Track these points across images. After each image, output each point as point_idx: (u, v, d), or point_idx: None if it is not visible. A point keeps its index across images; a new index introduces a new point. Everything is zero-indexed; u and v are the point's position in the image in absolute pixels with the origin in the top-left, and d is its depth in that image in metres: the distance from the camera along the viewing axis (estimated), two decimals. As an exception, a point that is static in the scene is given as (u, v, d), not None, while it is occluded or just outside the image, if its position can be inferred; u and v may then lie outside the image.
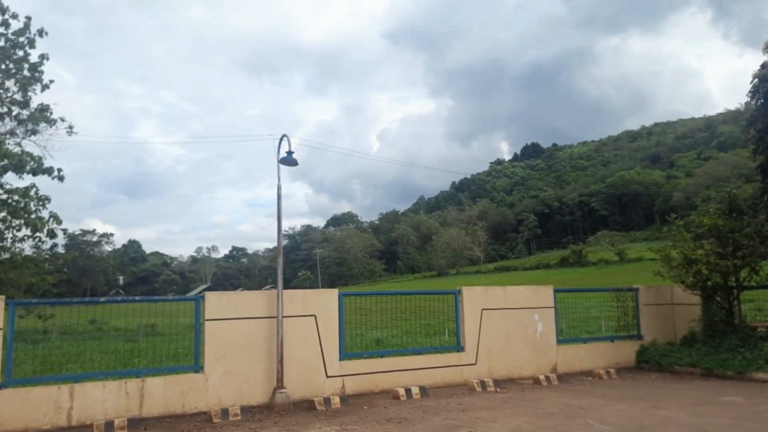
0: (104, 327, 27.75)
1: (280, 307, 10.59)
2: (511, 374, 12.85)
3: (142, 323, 22.75)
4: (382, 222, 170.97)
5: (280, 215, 11.24)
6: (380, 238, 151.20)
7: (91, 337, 23.22)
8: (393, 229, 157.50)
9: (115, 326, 27.07)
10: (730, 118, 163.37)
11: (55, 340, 19.68)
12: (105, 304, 11.03)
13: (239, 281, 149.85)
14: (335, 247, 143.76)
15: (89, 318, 28.23)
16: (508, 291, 13.25)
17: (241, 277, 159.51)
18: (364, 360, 11.67)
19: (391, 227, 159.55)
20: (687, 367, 13.13)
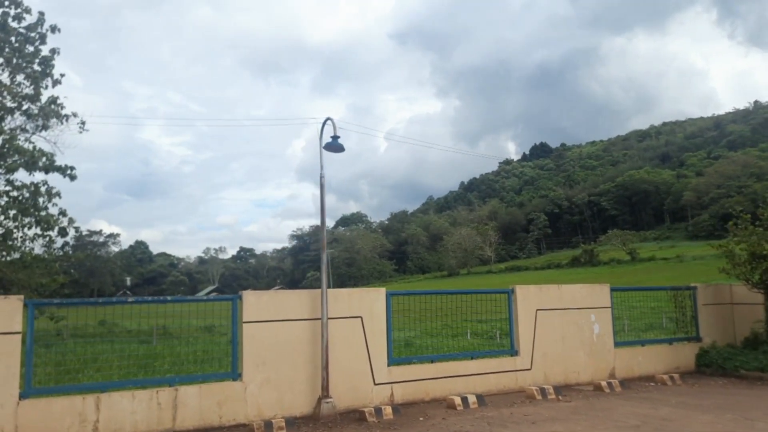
0: (115, 329, 26.92)
1: (325, 308, 9.65)
2: (568, 380, 11.89)
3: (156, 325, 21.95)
4: (391, 222, 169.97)
5: (323, 205, 10.30)
6: (390, 238, 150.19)
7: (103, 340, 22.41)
8: (403, 229, 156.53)
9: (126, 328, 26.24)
10: (739, 117, 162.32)
11: (68, 343, 18.84)
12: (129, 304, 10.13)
13: (247, 282, 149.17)
14: (345, 248, 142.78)
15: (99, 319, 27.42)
16: (563, 290, 12.28)
17: (249, 278, 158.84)
18: (414, 366, 10.71)
19: (401, 227, 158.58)
20: (755, 372, 12.14)
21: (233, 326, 9.40)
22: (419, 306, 11.54)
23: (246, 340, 9.28)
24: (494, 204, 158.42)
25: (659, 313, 15.77)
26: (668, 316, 15.42)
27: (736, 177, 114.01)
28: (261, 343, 9.38)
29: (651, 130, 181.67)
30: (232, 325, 9.40)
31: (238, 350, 9.32)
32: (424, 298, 11.84)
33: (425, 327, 15.34)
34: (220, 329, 20.61)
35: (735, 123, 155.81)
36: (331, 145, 9.87)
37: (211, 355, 14.25)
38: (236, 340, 9.36)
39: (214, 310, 11.70)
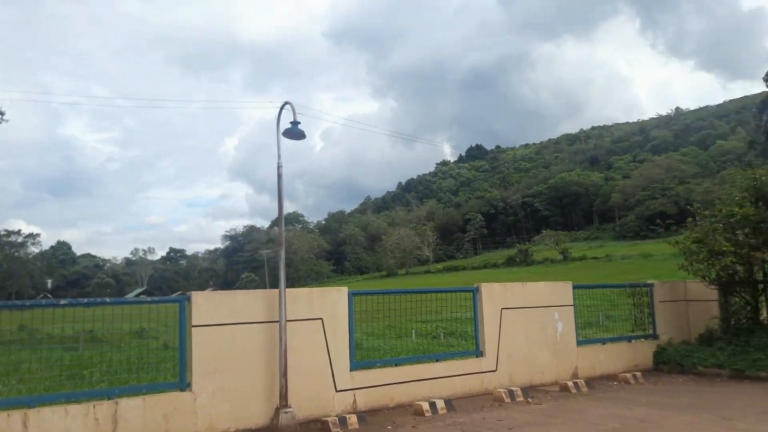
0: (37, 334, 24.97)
1: (284, 310, 8.86)
2: (533, 381, 11.52)
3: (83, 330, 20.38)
4: (329, 222, 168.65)
5: (281, 198, 9.49)
6: (327, 238, 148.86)
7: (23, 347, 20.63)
8: (340, 229, 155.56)
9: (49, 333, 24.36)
10: (662, 123, 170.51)
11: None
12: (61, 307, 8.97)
13: (177, 284, 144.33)
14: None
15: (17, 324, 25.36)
16: (527, 288, 11.92)
17: (180, 279, 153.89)
18: (378, 370, 10.07)
19: (339, 228, 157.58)
20: (713, 369, 12.14)
21: (181, 331, 8.47)
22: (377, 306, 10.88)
23: (195, 346, 8.38)
24: (432, 204, 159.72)
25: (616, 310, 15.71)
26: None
27: (660, 180, 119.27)
28: (212, 348, 8.50)
29: (581, 134, 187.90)
30: (180, 330, 8.47)
31: (186, 357, 8.40)
32: (383, 298, 11.19)
33: (369, 328, 14.76)
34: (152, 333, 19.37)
35: (658, 128, 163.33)
36: (291, 131, 9.07)
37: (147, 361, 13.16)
38: (184, 346, 8.44)
39: (142, 313, 10.62)
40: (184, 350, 8.41)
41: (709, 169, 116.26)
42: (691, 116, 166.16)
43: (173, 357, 11.97)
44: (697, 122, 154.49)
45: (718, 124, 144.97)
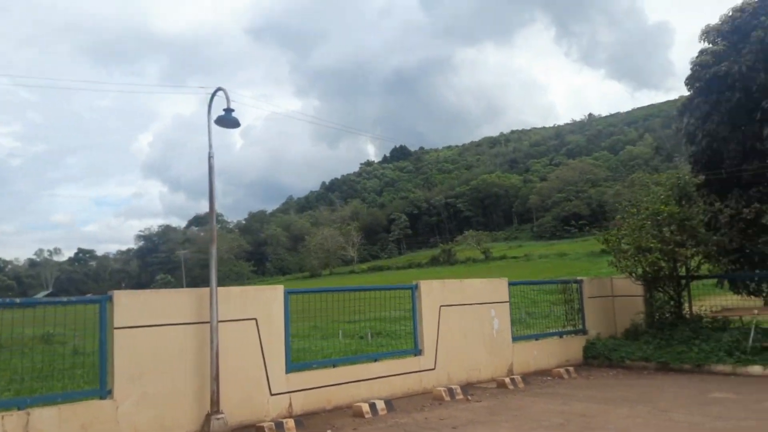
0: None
1: (215, 310, 8.29)
2: (470, 378, 11.43)
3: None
4: (249, 222, 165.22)
5: (212, 191, 8.92)
6: (248, 238, 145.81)
7: None
8: (262, 229, 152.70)
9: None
10: (577, 128, 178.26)
11: None
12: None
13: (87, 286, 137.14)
14: (199, 248, 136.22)
15: None
16: (464, 284, 11.83)
17: (89, 281, 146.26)
18: (314, 371, 9.64)
19: (260, 227, 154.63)
20: (640, 362, 12.48)
21: (101, 333, 7.74)
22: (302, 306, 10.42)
23: (118, 349, 7.69)
24: (356, 204, 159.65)
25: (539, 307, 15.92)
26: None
27: (575, 182, 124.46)
28: (137, 352, 7.83)
29: (501, 138, 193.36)
30: (100, 333, 7.74)
31: (107, 362, 7.69)
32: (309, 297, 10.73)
33: (293, 329, 14.12)
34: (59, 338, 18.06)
35: (573, 133, 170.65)
36: (224, 119, 8.50)
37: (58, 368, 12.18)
38: (105, 351, 7.72)
39: (47, 316, 9.64)
40: (104, 355, 7.70)
41: (619, 172, 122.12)
42: (603, 122, 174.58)
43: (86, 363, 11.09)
44: (608, 128, 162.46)
45: (628, 131, 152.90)
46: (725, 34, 13.51)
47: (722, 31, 13.60)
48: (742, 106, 12.87)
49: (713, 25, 14.01)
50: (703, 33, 14.05)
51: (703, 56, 13.57)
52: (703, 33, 14.05)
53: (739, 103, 12.82)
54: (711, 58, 13.29)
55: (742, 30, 13.11)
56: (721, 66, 12.90)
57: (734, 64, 12.59)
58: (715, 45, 13.52)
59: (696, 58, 13.94)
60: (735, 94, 12.84)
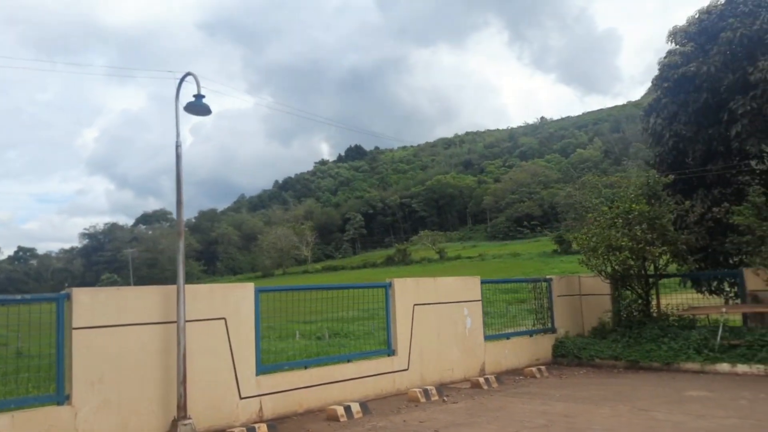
0: None
1: (182, 309, 7.77)
2: (443, 378, 11.17)
3: None
4: (199, 221, 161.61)
5: (180, 182, 8.41)
6: (198, 237, 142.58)
7: None
8: (213, 228, 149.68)
9: None
10: (529, 130, 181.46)
11: None
12: None
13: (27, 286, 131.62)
14: (147, 248, 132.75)
15: None
16: (438, 283, 11.56)
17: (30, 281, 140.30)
18: (285, 373, 9.19)
19: (211, 226, 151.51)
20: (609, 360, 12.50)
21: (58, 334, 7.14)
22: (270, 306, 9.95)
23: (77, 352, 7.10)
24: (310, 204, 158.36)
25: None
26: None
27: (527, 184, 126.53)
28: (98, 355, 7.26)
29: (455, 139, 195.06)
30: (57, 334, 7.14)
31: (64, 366, 7.09)
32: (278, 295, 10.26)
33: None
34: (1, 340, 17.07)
35: (526, 136, 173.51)
36: (194, 105, 7.99)
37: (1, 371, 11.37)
38: (62, 353, 7.12)
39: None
40: (61, 357, 7.10)
41: (569, 175, 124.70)
42: (555, 126, 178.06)
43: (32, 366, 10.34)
44: (560, 131, 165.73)
45: (578, 134, 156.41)
46: (692, 35, 13.68)
47: (689, 32, 13.76)
48: (709, 107, 13.04)
49: (680, 26, 14.17)
50: (671, 34, 14.19)
51: (671, 57, 13.69)
52: (671, 34, 14.19)
53: (706, 103, 12.98)
54: (679, 58, 13.42)
55: (709, 31, 13.29)
56: (690, 66, 13.04)
57: (703, 65, 12.74)
58: (683, 46, 13.66)
59: (664, 58, 14.07)
60: (702, 94, 13.00)
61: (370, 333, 18.23)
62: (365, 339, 16.85)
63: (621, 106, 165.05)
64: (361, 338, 17.27)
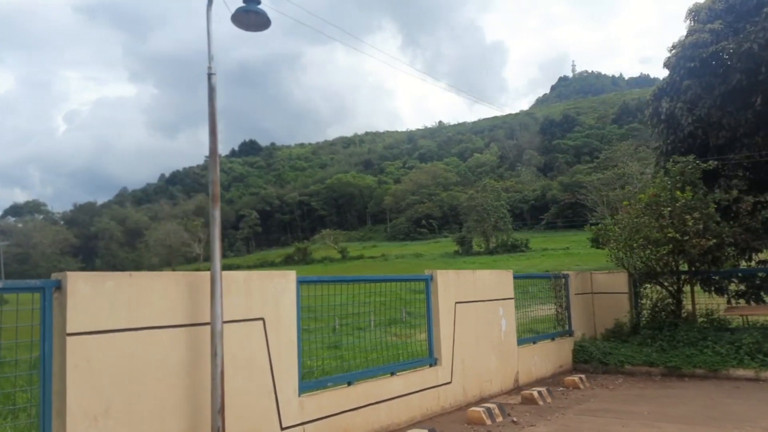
0: None
1: (219, 305, 5.38)
2: (483, 392, 9.32)
3: None
4: (76, 214, 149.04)
5: (214, 124, 5.96)
6: (75, 231, 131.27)
7: None
8: (92, 222, 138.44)
9: None
10: (428, 133, 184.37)
11: None
12: None
13: None
14: (17, 242, 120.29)
15: None
16: (477, 276, 9.67)
17: None
18: (329, 392, 6.93)
19: (90, 220, 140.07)
20: (642, 367, 11.19)
21: (44, 343, 4.53)
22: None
23: (73, 370, 4.55)
24: (201, 199, 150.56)
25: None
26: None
27: (427, 185, 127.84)
28: (103, 374, 4.75)
29: (355, 138, 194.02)
30: (43, 342, 4.52)
31: (52, 391, 4.51)
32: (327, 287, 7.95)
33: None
34: None
35: (425, 138, 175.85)
36: (245, 14, 5.54)
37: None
38: (49, 371, 4.53)
39: None
40: (48, 379, 4.51)
41: (467, 178, 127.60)
42: (452, 130, 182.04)
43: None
44: (457, 136, 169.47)
45: (475, 139, 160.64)
46: (720, 13, 12.77)
47: (715, 9, 12.83)
48: (740, 90, 12.12)
49: (702, 3, 13.23)
50: (691, 12, 13.24)
51: (699, 35, 12.65)
52: (691, 12, 13.24)
53: (738, 85, 12.04)
54: (709, 36, 12.41)
55: (738, 9, 12.40)
56: (725, 44, 12.05)
57: (744, 41, 11.74)
58: (711, 23, 12.65)
59: (687, 37, 13.03)
60: (735, 76, 12.05)
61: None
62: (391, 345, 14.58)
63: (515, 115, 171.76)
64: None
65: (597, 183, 64.81)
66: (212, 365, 5.33)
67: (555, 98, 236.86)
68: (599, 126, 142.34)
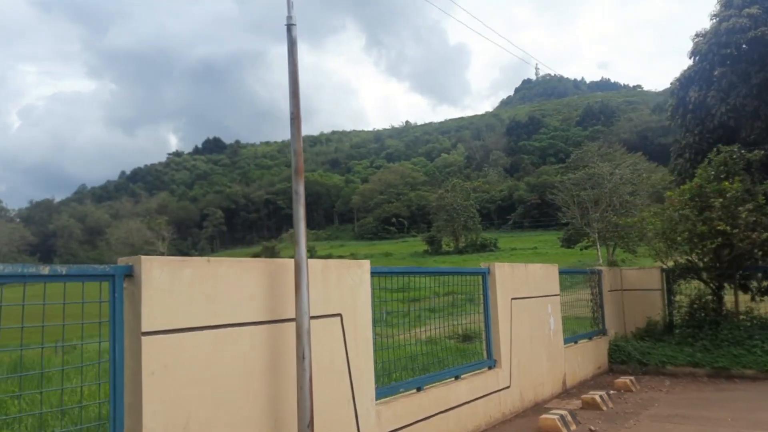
0: None
1: (305, 297, 4.49)
2: (536, 396, 8.58)
3: None
4: (33, 211, 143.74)
5: (295, 71, 5.06)
6: (32, 229, 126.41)
7: None
8: (51, 220, 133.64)
9: None
10: (395, 133, 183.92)
11: None
12: None
13: None
14: None
15: None
16: (529, 270, 8.91)
17: None
18: (402, 399, 6.06)
19: (48, 218, 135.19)
20: (686, 367, 10.63)
21: (113, 346, 3.56)
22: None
23: (149, 378, 3.60)
24: (164, 197, 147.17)
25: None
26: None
27: (395, 185, 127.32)
28: (182, 382, 3.79)
29: (321, 137, 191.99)
30: (112, 345, 3.55)
31: (124, 405, 3.55)
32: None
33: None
34: None
35: (392, 138, 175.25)
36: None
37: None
38: (120, 381, 3.57)
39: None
40: (120, 391, 3.54)
41: (435, 178, 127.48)
42: (419, 130, 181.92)
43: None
44: (424, 136, 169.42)
45: (442, 139, 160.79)
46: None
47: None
48: (780, 79, 11.68)
49: (734, -13, 12.77)
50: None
51: (736, 19, 12.13)
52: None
53: (779, 74, 11.60)
54: (747, 21, 11.92)
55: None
56: (762, 30, 11.56)
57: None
58: (749, 8, 12.14)
59: (721, 23, 12.49)
60: (778, 63, 11.60)
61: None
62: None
63: (481, 116, 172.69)
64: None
65: (568, 183, 64.89)
66: (299, 370, 4.43)
67: (519, 100, 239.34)
68: (564, 128, 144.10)
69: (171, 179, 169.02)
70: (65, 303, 3.41)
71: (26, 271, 3.12)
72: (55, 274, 3.28)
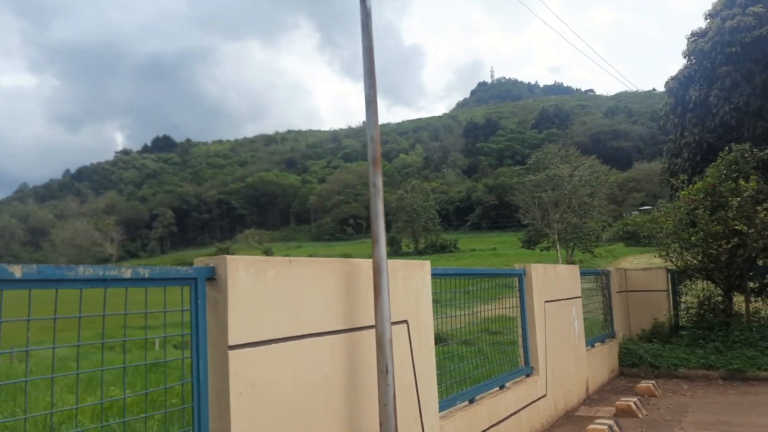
0: None
1: (386, 302, 3.88)
2: (567, 403, 8.14)
3: None
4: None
5: (371, 52, 4.43)
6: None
7: None
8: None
9: None
10: (352, 133, 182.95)
11: None
12: None
13: None
14: None
15: None
16: (557, 272, 8.46)
17: None
18: (460, 412, 5.48)
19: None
20: (700, 370, 10.39)
21: (197, 361, 2.86)
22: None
23: (237, 399, 2.92)
24: (112, 196, 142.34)
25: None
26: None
27: (353, 185, 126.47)
28: (268, 403, 3.13)
29: (276, 136, 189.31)
30: (195, 360, 2.86)
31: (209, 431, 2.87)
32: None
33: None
34: None
35: (349, 138, 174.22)
36: None
37: None
38: (205, 404, 2.87)
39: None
40: (204, 416, 2.84)
41: (394, 179, 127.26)
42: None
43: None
44: (382, 136, 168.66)
45: (400, 140, 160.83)
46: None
47: (753, -6, 12.28)
48: (785, 79, 11.62)
49: (735, -15, 12.68)
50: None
51: (740, 18, 12.01)
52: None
53: (783, 73, 11.53)
54: (752, 19, 11.82)
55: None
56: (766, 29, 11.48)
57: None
58: (753, 6, 12.05)
59: (725, 21, 12.37)
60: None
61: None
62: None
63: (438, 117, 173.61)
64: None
65: (529, 185, 65.59)
66: (381, 385, 3.81)
67: (475, 102, 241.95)
68: (520, 130, 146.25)
69: (119, 178, 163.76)
70: (147, 312, 2.70)
71: (108, 275, 2.42)
72: (137, 278, 2.57)
